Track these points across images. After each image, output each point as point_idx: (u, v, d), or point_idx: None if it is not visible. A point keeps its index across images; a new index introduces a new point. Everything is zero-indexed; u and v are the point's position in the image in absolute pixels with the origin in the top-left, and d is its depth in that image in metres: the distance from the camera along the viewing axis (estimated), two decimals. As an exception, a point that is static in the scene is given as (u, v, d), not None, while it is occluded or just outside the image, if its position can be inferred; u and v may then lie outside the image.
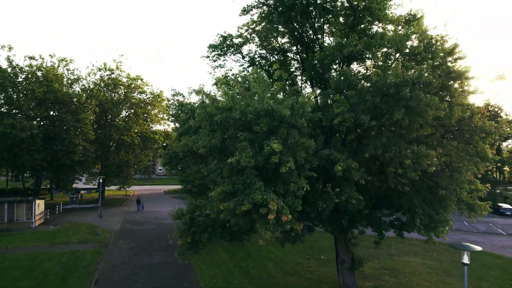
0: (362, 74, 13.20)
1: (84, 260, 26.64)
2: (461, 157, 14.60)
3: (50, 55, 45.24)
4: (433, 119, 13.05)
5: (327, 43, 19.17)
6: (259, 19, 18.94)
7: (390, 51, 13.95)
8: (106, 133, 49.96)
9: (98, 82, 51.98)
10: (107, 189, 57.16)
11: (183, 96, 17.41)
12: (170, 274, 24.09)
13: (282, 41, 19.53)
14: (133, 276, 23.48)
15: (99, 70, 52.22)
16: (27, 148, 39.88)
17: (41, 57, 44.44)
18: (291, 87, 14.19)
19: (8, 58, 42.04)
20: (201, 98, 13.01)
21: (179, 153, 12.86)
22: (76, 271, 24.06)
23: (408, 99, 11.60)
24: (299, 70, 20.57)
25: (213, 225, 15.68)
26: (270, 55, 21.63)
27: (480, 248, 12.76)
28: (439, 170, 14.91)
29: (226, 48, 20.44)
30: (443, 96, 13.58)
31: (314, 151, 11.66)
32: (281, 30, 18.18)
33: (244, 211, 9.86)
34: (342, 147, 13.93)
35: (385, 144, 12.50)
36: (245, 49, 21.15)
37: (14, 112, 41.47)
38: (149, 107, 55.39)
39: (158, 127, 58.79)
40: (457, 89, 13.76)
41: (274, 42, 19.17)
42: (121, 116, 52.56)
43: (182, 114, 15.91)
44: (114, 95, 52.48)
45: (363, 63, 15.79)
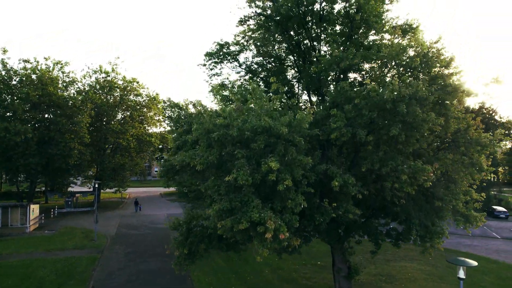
0: (359, 89, 13.19)
1: (79, 266, 26.48)
2: (456, 168, 14.70)
3: (45, 58, 44.83)
4: (429, 133, 13.12)
5: (324, 50, 19.27)
6: (256, 27, 18.92)
7: (387, 62, 13.99)
8: (102, 136, 49.67)
9: (94, 85, 51.65)
10: (103, 192, 56.79)
11: (179, 107, 17.30)
12: (167, 280, 24.03)
13: (279, 47, 19.53)
14: (129, 283, 23.38)
15: (95, 72, 51.91)
16: (22, 152, 39.54)
17: (35, 59, 44.09)
18: (288, 100, 14.17)
19: (2, 61, 41.63)
20: (198, 111, 12.94)
21: (176, 165, 12.81)
22: (71, 279, 23.91)
23: (404, 115, 11.66)
24: (296, 78, 20.58)
25: (210, 235, 15.64)
26: (267, 62, 21.62)
27: (475, 263, 12.85)
28: (435, 181, 14.99)
29: (222, 56, 20.40)
30: (439, 109, 13.66)
31: (311, 166, 11.67)
32: (277, 39, 18.18)
33: (241, 229, 9.85)
34: (339, 161, 13.97)
35: (382, 158, 12.56)
36: (242, 56, 21.21)
37: (8, 115, 41.05)
38: (145, 110, 55.16)
39: (154, 129, 58.58)
40: (453, 103, 13.85)
41: (271, 50, 19.15)
42: (116, 119, 52.29)
43: (178, 127, 15.82)
44: (110, 98, 52.19)
45: (360, 73, 15.85)
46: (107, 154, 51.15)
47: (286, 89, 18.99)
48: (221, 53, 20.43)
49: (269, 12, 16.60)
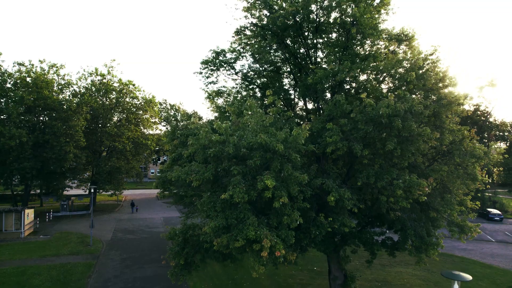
0: (354, 103, 13.22)
1: (74, 274, 26.31)
2: (451, 179, 14.80)
3: (40, 61, 44.44)
4: (424, 147, 13.18)
5: (320, 57, 19.30)
6: (252, 35, 18.89)
7: (383, 75, 14.06)
8: (97, 139, 49.39)
9: (90, 87, 51.34)
10: (99, 194, 56.53)
11: (176, 118, 17.25)
12: (163, 288, 23.97)
13: (275, 55, 19.52)
14: (125, 291, 23.29)
15: (90, 75, 51.60)
16: (16, 155, 39.23)
17: (30, 62, 43.74)
18: (284, 112, 14.16)
19: (-5, 64, 41.27)
20: (194, 125, 12.88)
21: (171, 179, 12.76)
22: (67, 287, 23.77)
23: (400, 129, 11.71)
24: (292, 85, 20.58)
25: (206, 240, 15.62)
26: (263, 69, 21.59)
27: (470, 277, 12.93)
28: (431, 191, 15.06)
29: (219, 64, 20.35)
30: (434, 121, 13.74)
31: (307, 181, 11.67)
32: (274, 47, 18.16)
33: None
34: (334, 174, 14.00)
35: (377, 172, 12.61)
36: (238, 64, 21.19)
37: (3, 118, 40.71)
38: (141, 112, 54.96)
39: (150, 132, 58.34)
40: (448, 116, 13.94)
41: (267, 58, 19.13)
42: (112, 121, 52.01)
43: (174, 138, 15.76)
44: (105, 100, 51.91)
45: (356, 84, 15.88)
46: (103, 157, 50.87)
47: (282, 96, 18.98)
48: (217, 61, 20.38)
49: (265, 22, 16.58)
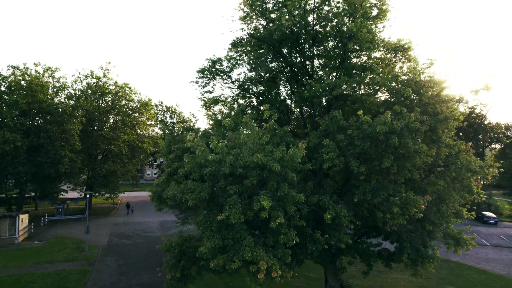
0: (351, 118, 13.21)
1: (70, 281, 26.13)
2: (447, 193, 14.85)
3: (35, 64, 44.04)
4: (421, 163, 13.21)
5: (316, 66, 19.29)
6: (249, 45, 18.82)
7: (379, 90, 14.07)
8: (93, 142, 49.08)
9: (85, 90, 50.98)
10: (94, 197, 56.21)
11: (173, 131, 17.14)
12: (159, 296, 23.86)
13: (272, 65, 19.46)
14: (120, 300, 23.13)
15: (86, 77, 51.25)
16: (11, 160, 38.85)
17: (25, 65, 43.32)
18: (281, 128, 14.11)
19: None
20: (190, 143, 12.74)
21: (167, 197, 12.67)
22: (62, 295, 23.59)
23: (397, 147, 11.71)
24: (289, 95, 20.54)
25: (202, 258, 15.55)
26: (259, 77, 21.52)
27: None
28: (427, 204, 15.11)
29: (215, 72, 20.25)
30: (430, 135, 13.77)
31: (304, 200, 11.63)
32: (270, 57, 18.09)
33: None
34: (331, 189, 13.99)
35: (374, 188, 12.61)
36: (234, 72, 21.05)
37: (-3, 122, 40.28)
38: (137, 115, 54.71)
39: (146, 133, 58.06)
40: (444, 131, 13.98)
41: (264, 66, 19.07)
42: (108, 125, 51.69)
43: (171, 152, 15.65)
44: (101, 103, 51.59)
45: (353, 97, 15.89)
46: (99, 161, 50.57)
47: (279, 105, 18.92)
48: (213, 69, 20.28)
49: (261, 32, 16.52)
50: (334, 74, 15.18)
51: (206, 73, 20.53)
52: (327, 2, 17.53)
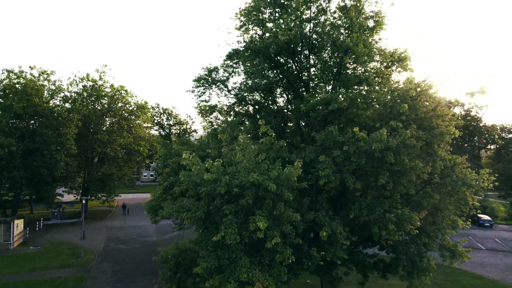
0: (347, 134, 13.21)
1: (65, 289, 25.97)
2: (443, 206, 14.90)
3: (30, 67, 43.64)
4: (416, 179, 13.26)
5: (313, 74, 19.30)
6: (245, 55, 18.77)
7: (375, 105, 14.10)
8: (89, 146, 48.79)
9: (81, 92, 50.62)
10: (91, 200, 55.89)
11: (170, 144, 17.04)
12: (155, 305, 23.74)
13: (268, 74, 19.42)
14: (117, 309, 23.02)
15: (82, 80, 50.90)
16: (5, 164, 38.51)
17: (20, 68, 42.96)
18: (277, 142, 14.08)
19: (-17, 71, 40.44)
20: (187, 159, 12.64)
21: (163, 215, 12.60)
22: (57, 304, 23.44)
23: (392, 163, 11.73)
24: (285, 104, 20.53)
25: (198, 275, 15.51)
26: (255, 86, 21.49)
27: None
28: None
29: (211, 81, 20.18)
30: (426, 149, 13.81)
31: (300, 214, 11.63)
32: (266, 67, 18.07)
33: None
34: (327, 205, 13.99)
35: (370, 204, 12.63)
36: (231, 81, 20.99)
37: (-9, 126, 39.89)
38: (133, 117, 54.46)
39: (142, 136, 57.82)
40: (439, 146, 14.03)
41: (260, 75, 19.03)
42: (104, 128, 51.39)
43: (166, 166, 15.57)
44: (97, 106, 51.28)
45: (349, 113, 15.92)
46: (95, 164, 50.31)
47: (275, 115, 18.90)
48: (209, 78, 20.21)
49: (258, 42, 16.47)
50: (330, 86, 15.18)
51: (202, 81, 20.46)
52: (324, 12, 17.55)
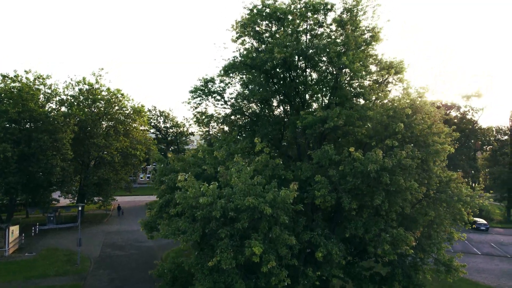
0: (343, 153, 13.24)
1: (61, 298, 25.83)
2: (438, 222, 14.98)
3: (26, 71, 43.36)
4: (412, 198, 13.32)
5: (311, 80, 19.33)
6: (241, 68, 18.74)
7: (372, 125, 14.14)
8: (85, 150, 48.55)
9: (77, 96, 50.34)
10: (87, 205, 55.67)
11: (167, 160, 16.98)
12: (152, 314, 23.71)
13: (265, 87, 19.39)
14: (113, 319, 22.93)
15: (78, 83, 50.62)
16: (0, 170, 38.25)
17: (15, 72, 42.64)
18: (273, 159, 14.07)
19: (-22, 76, 40.15)
20: (182, 181, 12.53)
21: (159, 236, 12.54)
22: (52, 315, 23.31)
23: (388, 184, 11.77)
24: (282, 118, 20.44)
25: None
26: (252, 98, 21.45)
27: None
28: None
29: (208, 92, 20.14)
30: (421, 165, 13.86)
31: (296, 234, 11.66)
32: (262, 82, 18.06)
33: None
34: (323, 223, 14.02)
35: (365, 223, 12.67)
36: (227, 91, 21.00)
37: (-14, 132, 39.57)
38: (129, 121, 54.28)
39: (139, 140, 57.60)
40: (435, 163, 14.09)
41: (256, 88, 19.02)
42: (101, 132, 51.14)
43: (162, 182, 15.53)
44: (93, 109, 51.04)
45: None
46: (91, 168, 50.08)
47: (271, 128, 18.88)
48: (206, 90, 20.16)
49: (253, 55, 16.46)
50: (327, 101, 15.20)
51: (198, 92, 20.41)
52: (320, 25, 17.56)
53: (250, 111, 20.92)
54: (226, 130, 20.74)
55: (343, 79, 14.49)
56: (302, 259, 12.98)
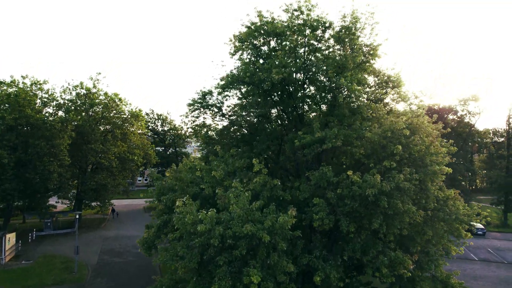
0: (341, 176, 13.27)
1: (58, 309, 25.73)
2: (436, 240, 15.02)
3: (23, 76, 43.17)
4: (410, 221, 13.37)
5: (308, 94, 19.35)
6: (239, 82, 18.72)
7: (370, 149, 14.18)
8: (83, 155, 48.38)
9: (74, 100, 50.11)
10: (84, 210, 55.49)
11: (164, 178, 16.94)
12: (151, 325, 23.62)
13: (263, 104, 19.39)
14: (111, 332, 22.86)
15: (75, 88, 50.40)
16: (-3, 177, 38.06)
17: (12, 78, 42.45)
18: (271, 179, 14.05)
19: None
20: (180, 207, 12.48)
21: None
22: (49, 326, 23.21)
23: (386, 208, 11.79)
24: (280, 135, 20.34)
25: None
26: (250, 107, 21.42)
27: None
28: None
29: (205, 107, 20.10)
30: (420, 185, 13.89)
31: (294, 257, 11.67)
32: (261, 99, 18.08)
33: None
34: (321, 245, 14.04)
35: (363, 245, 12.70)
36: (225, 104, 20.97)
37: (-18, 139, 39.37)
38: (127, 125, 54.13)
39: (136, 145, 57.43)
40: (433, 184, 14.14)
41: (254, 105, 19.02)
42: (98, 136, 50.92)
43: (160, 203, 15.48)
44: (91, 114, 50.84)
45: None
46: (88, 174, 49.92)
47: (269, 143, 18.87)
48: (203, 103, 20.11)
49: (252, 77, 16.46)
50: (325, 120, 15.22)
51: (196, 105, 20.36)
52: (319, 40, 17.55)
53: (248, 123, 20.88)
54: (224, 142, 20.69)
55: (341, 99, 14.52)
56: (300, 282, 13.01)
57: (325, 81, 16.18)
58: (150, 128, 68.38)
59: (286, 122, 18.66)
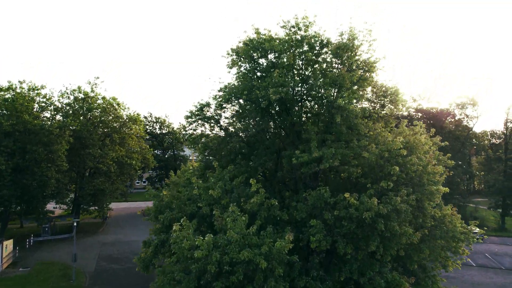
0: (338, 197, 13.30)
1: (56, 319, 25.67)
2: (434, 257, 15.07)
3: (20, 81, 43.01)
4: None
5: (307, 109, 19.36)
6: (237, 97, 18.70)
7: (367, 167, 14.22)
8: (80, 160, 48.26)
9: (72, 103, 49.98)
10: (82, 215, 55.40)
11: (161, 196, 16.91)
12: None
13: (260, 120, 19.37)
14: None
15: (73, 92, 50.28)
16: (-6, 183, 37.90)
17: (9, 83, 42.31)
18: (268, 199, 14.06)
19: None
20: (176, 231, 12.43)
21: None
22: (46, 337, 23.15)
23: (383, 230, 11.82)
24: (278, 151, 20.31)
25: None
26: (248, 120, 21.41)
27: None
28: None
29: (203, 119, 20.08)
30: (417, 203, 13.94)
31: (291, 280, 11.69)
32: (259, 115, 18.07)
33: None
34: (318, 265, 14.06)
35: (360, 266, 12.73)
36: (223, 116, 20.90)
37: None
38: (125, 129, 54.04)
39: (134, 149, 57.33)
40: (430, 203, 14.18)
41: (251, 121, 19.02)
42: (96, 141, 50.83)
43: (158, 222, 15.47)
44: (88, 118, 50.73)
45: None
46: (86, 179, 49.81)
47: (266, 157, 18.85)
48: (201, 115, 20.08)
49: (250, 91, 16.46)
50: (321, 143, 15.26)
51: (194, 117, 20.32)
52: (317, 55, 17.58)
53: (246, 136, 20.85)
54: (222, 154, 20.66)
55: (338, 118, 14.54)
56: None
57: (323, 98, 16.20)
58: (148, 131, 68.29)
59: (284, 135, 18.67)
